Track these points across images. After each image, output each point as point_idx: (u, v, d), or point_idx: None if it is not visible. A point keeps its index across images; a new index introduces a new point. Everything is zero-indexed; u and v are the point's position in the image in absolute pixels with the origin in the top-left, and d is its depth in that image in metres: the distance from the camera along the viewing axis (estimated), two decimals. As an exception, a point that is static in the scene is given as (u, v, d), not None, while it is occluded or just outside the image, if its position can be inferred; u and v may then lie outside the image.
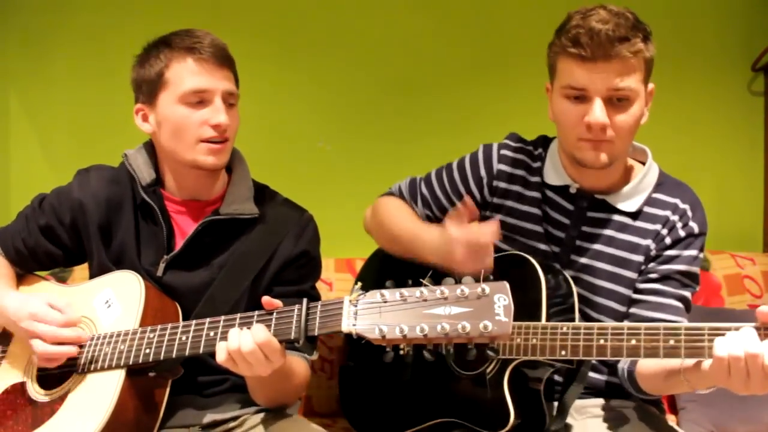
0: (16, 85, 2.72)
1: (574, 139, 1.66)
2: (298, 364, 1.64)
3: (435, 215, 1.92)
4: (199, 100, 1.63)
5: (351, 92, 2.76)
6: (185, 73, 1.63)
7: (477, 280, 1.21)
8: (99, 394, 1.51)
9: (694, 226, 1.73)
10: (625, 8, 1.62)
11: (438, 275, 1.32)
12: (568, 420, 1.75)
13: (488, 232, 1.59)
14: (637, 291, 1.73)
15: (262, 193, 1.79)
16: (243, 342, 1.40)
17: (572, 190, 1.77)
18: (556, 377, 1.73)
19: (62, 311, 1.60)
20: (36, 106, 2.74)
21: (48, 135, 2.74)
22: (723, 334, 1.39)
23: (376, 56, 2.75)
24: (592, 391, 1.80)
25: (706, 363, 1.40)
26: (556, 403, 1.73)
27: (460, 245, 1.59)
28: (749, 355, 1.33)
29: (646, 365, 1.61)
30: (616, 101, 1.62)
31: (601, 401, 1.80)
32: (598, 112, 1.60)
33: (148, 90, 1.67)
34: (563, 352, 1.56)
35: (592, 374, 1.78)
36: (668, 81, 2.62)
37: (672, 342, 1.44)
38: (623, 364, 1.70)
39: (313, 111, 2.76)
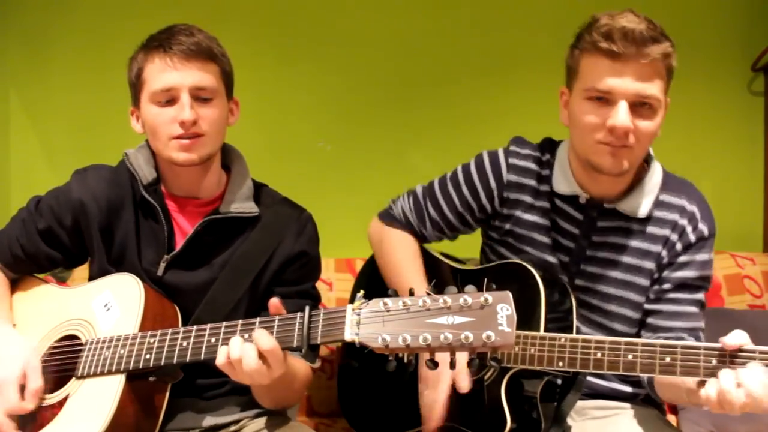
0: (16, 84, 2.72)
1: (593, 142, 1.61)
2: (300, 366, 1.62)
3: (447, 235, 1.91)
4: (167, 98, 1.62)
5: (351, 92, 2.75)
6: (154, 72, 1.62)
7: (480, 290, 1.21)
8: (99, 398, 1.51)
9: (704, 229, 1.71)
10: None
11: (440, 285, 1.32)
12: (567, 421, 1.75)
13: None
14: (652, 300, 1.72)
15: (261, 192, 1.78)
16: (245, 353, 1.38)
17: (582, 201, 1.73)
18: (557, 381, 1.73)
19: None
20: (36, 106, 2.74)
21: (48, 134, 2.74)
22: (722, 357, 1.42)
23: (376, 56, 2.75)
24: (592, 393, 1.80)
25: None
26: (554, 404, 1.73)
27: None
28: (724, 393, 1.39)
29: (663, 379, 1.61)
30: (640, 107, 1.57)
31: (600, 403, 1.80)
32: (623, 115, 1.55)
33: (133, 92, 1.69)
34: (560, 364, 1.56)
35: (592, 379, 1.78)
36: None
37: (668, 359, 1.46)
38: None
39: (313, 111, 2.76)
